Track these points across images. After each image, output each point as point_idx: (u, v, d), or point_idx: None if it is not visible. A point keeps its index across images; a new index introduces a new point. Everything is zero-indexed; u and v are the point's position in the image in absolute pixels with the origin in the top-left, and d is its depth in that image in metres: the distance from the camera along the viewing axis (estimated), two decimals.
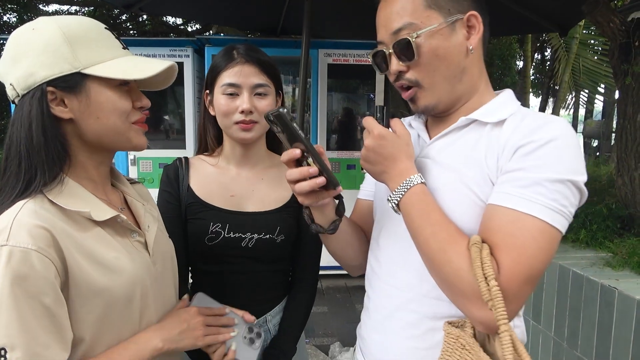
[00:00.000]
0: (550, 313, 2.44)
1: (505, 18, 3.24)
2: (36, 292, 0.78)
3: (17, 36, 0.88)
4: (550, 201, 0.82)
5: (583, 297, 2.20)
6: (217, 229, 1.25)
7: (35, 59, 0.85)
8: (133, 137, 0.95)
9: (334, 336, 3.62)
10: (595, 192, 3.04)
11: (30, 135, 0.85)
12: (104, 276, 0.87)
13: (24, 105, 0.86)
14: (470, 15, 0.95)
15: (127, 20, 8.54)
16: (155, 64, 0.92)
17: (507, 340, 0.76)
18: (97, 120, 0.89)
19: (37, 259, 0.78)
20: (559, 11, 3.08)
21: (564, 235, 0.88)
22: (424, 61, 0.95)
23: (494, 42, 7.98)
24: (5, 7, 7.68)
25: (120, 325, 0.91)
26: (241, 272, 1.29)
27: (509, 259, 0.82)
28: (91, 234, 0.89)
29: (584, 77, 6.70)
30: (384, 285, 1.07)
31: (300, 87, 3.13)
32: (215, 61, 1.28)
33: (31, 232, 0.78)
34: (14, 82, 0.87)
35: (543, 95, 7.15)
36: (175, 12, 5.43)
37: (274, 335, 1.35)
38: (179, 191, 1.29)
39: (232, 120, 1.23)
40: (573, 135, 0.88)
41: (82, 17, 0.92)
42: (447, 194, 0.94)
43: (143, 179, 4.21)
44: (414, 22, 0.93)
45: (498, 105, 0.98)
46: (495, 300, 0.78)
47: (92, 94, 0.88)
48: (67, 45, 0.85)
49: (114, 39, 0.93)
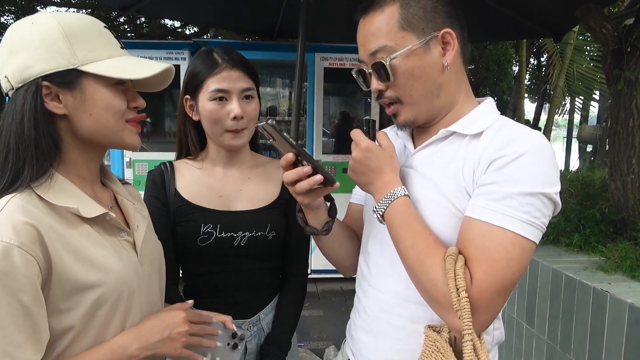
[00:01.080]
0: (544, 316, 2.46)
1: (500, 23, 3.27)
2: (15, 289, 0.76)
3: (16, 29, 0.87)
4: (521, 214, 0.85)
5: (576, 300, 2.21)
6: (208, 230, 1.26)
7: (33, 53, 0.84)
8: (126, 136, 0.94)
9: (329, 340, 3.62)
10: (589, 196, 3.05)
11: (21, 128, 0.84)
12: (90, 274, 0.86)
13: (17, 98, 0.85)
14: (444, 32, 0.97)
15: (124, 22, 8.54)
16: (152, 66, 0.92)
17: (469, 349, 0.82)
18: (91, 117, 0.89)
19: (19, 256, 0.76)
20: (554, 17, 3.11)
21: (557, 239, 0.91)
22: (401, 81, 0.98)
23: (490, 47, 8.04)
24: (2, 8, 7.67)
25: (104, 323, 0.90)
26: (233, 271, 1.30)
27: (481, 271, 0.85)
28: (79, 231, 0.88)
29: (578, 83, 6.75)
30: (371, 289, 1.10)
31: (296, 91, 3.14)
32: (196, 66, 1.27)
33: (16, 228, 0.77)
34: (9, 75, 0.86)
35: (538, 100, 7.19)
36: (172, 15, 5.46)
37: (267, 333, 1.37)
38: (166, 195, 1.29)
39: (222, 128, 1.24)
40: (546, 147, 0.90)
41: (82, 15, 0.93)
42: (427, 204, 0.97)
43: (139, 181, 4.20)
44: (388, 44, 0.96)
45: (477, 116, 1.00)
46: (463, 311, 0.82)
47: (88, 91, 0.87)
48: (65, 41, 0.85)
49: (113, 38, 0.93)
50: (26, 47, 0.84)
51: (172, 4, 3.68)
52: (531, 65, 8.46)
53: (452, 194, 0.94)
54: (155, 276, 1.06)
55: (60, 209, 0.86)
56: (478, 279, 0.85)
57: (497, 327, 1.04)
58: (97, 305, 0.87)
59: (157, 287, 1.07)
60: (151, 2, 3.39)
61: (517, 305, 2.71)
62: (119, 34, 6.76)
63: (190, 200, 1.29)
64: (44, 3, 7.72)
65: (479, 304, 0.84)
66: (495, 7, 2.96)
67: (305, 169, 0.96)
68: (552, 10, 3.03)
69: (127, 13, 3.68)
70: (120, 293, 0.91)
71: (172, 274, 1.30)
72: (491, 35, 4.25)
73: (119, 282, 0.90)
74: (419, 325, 0.99)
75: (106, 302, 0.88)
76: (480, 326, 0.87)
